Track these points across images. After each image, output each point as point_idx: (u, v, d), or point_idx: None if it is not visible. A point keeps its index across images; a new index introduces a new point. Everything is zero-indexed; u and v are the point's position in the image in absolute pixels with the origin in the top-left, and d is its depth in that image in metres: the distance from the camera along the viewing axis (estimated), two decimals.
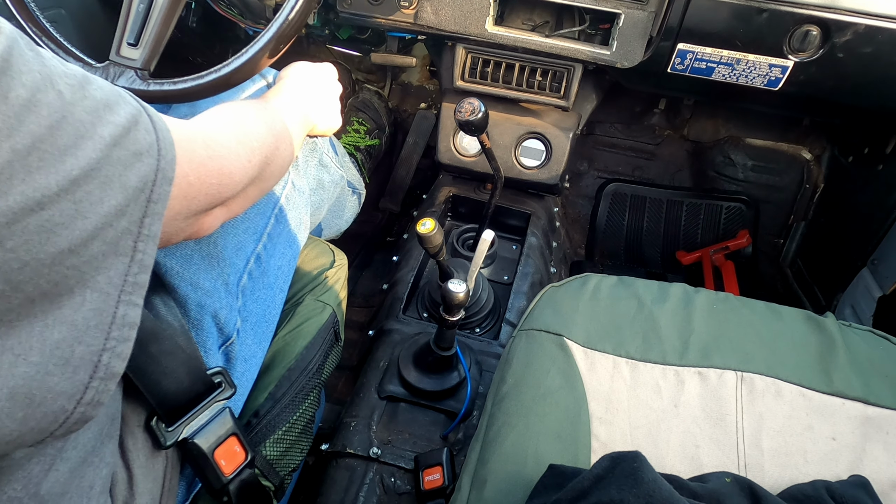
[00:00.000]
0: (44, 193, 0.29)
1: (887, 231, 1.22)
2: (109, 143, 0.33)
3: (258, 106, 0.63)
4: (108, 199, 0.33)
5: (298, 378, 0.77)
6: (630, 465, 0.51)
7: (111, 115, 0.34)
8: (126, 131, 0.35)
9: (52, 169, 0.29)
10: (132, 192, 0.35)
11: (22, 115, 0.28)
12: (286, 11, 0.69)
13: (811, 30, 0.94)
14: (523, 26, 1.16)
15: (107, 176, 0.33)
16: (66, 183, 0.30)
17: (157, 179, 0.37)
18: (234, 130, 0.53)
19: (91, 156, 0.32)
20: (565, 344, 0.71)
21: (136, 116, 0.36)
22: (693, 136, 1.75)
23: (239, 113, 0.58)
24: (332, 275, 0.90)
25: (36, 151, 0.29)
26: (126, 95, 0.37)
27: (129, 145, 0.35)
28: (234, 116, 0.56)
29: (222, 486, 0.60)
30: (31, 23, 0.75)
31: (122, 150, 0.34)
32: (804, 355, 0.70)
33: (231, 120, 0.55)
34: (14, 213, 0.28)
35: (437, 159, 1.34)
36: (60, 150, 0.30)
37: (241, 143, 0.53)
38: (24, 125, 0.28)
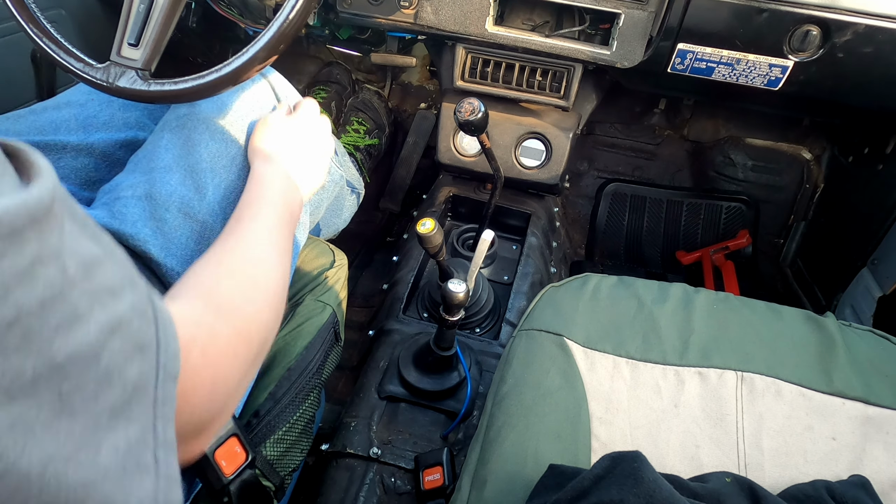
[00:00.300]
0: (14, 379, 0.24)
1: (887, 231, 1.22)
2: (107, 329, 0.29)
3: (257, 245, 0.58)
4: (105, 396, 0.28)
5: (298, 378, 0.77)
6: (630, 465, 0.51)
7: (113, 301, 0.30)
8: (127, 321, 0.31)
9: (31, 350, 0.25)
10: (133, 389, 0.30)
11: (11, 284, 0.24)
12: (286, 11, 0.69)
13: (811, 30, 0.94)
14: (523, 26, 1.16)
15: (105, 369, 0.28)
16: (46, 371, 0.25)
17: (160, 377, 0.33)
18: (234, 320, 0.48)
19: (83, 341, 0.27)
20: (565, 344, 0.71)
21: (141, 308, 0.33)
22: (693, 136, 1.75)
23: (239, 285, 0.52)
24: (333, 275, 0.90)
25: (18, 327, 0.24)
26: (137, 281, 0.34)
27: (129, 335, 0.31)
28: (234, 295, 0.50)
29: (223, 486, 0.60)
30: (31, 23, 0.75)
31: (121, 341, 0.30)
32: (804, 355, 0.70)
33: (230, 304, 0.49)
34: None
35: (437, 159, 1.34)
36: (50, 330, 0.26)
37: (240, 336, 0.47)
38: (10, 296, 0.24)
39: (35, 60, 1.15)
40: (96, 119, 0.80)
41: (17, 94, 1.14)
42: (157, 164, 0.71)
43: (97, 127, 0.79)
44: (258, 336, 0.51)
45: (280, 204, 0.66)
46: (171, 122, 0.74)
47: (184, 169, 0.71)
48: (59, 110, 0.79)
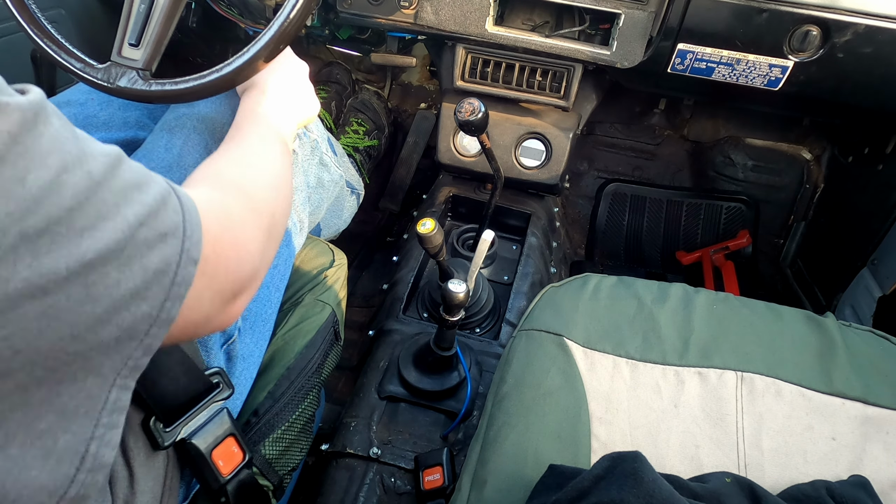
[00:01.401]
0: (50, 279, 0.27)
1: (887, 231, 1.22)
2: (134, 223, 0.31)
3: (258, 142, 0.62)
4: (126, 281, 0.31)
5: (298, 377, 0.77)
6: (630, 465, 0.50)
7: (140, 194, 0.33)
8: (154, 212, 0.33)
9: (63, 251, 0.27)
10: (153, 274, 0.32)
11: (41, 197, 0.26)
12: (286, 11, 0.69)
13: (811, 30, 0.94)
14: (523, 26, 1.16)
15: (127, 257, 0.31)
16: (78, 266, 0.28)
17: (182, 261, 0.35)
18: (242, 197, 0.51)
19: (111, 237, 0.30)
20: (565, 344, 0.71)
21: (165, 197, 0.35)
22: (693, 136, 1.75)
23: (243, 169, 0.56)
24: (332, 274, 0.90)
25: (48, 234, 0.27)
26: (157, 176, 0.36)
27: (155, 226, 0.33)
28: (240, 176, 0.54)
29: (220, 486, 0.60)
30: (31, 23, 0.75)
31: (147, 231, 0.32)
32: (804, 355, 0.70)
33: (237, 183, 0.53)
34: (12, 300, 0.25)
35: (437, 159, 1.34)
36: (77, 231, 0.28)
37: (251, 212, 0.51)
38: (41, 208, 0.26)
39: (35, 60, 1.15)
40: (96, 118, 0.80)
41: None
42: (157, 163, 0.71)
43: (97, 126, 0.80)
44: (266, 209, 0.53)
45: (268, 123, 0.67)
46: (170, 122, 0.74)
47: (183, 169, 0.71)
48: (59, 110, 0.79)
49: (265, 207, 0.54)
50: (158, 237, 0.33)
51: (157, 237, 0.33)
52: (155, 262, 0.33)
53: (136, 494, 0.52)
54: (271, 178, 0.59)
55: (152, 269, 0.32)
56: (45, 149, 0.27)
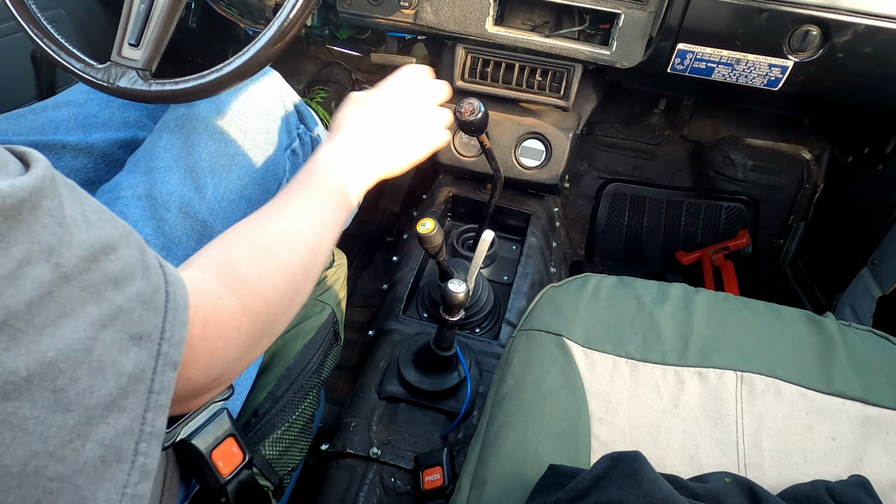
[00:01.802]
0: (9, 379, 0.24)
1: (887, 231, 1.22)
2: (97, 323, 0.29)
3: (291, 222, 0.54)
4: (98, 388, 0.28)
5: (298, 377, 0.77)
6: (630, 465, 0.50)
7: (114, 292, 0.30)
8: (125, 312, 0.30)
9: (22, 349, 0.25)
10: (127, 380, 0.30)
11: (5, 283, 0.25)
12: (286, 11, 0.69)
13: (811, 30, 0.94)
14: (523, 26, 1.16)
15: (98, 361, 0.28)
16: (39, 366, 0.25)
17: (158, 366, 0.32)
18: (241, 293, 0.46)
19: (73, 336, 0.27)
20: (565, 344, 0.71)
21: (149, 295, 0.32)
22: (693, 136, 1.75)
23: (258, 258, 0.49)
24: (332, 274, 0.90)
25: (6, 329, 0.24)
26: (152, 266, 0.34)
27: (126, 327, 0.30)
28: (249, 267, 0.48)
29: (220, 486, 0.60)
30: (31, 23, 0.75)
31: (115, 333, 0.30)
32: (804, 355, 0.70)
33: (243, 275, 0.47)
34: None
35: (437, 159, 1.34)
36: (36, 328, 0.26)
37: (245, 311, 0.45)
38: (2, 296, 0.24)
39: (35, 60, 1.15)
40: (96, 118, 0.80)
41: (17, 94, 1.14)
42: (157, 163, 0.71)
43: (96, 126, 0.80)
44: (266, 312, 0.48)
45: (330, 185, 0.60)
46: (170, 122, 0.75)
47: (183, 169, 0.71)
48: (59, 110, 0.79)
49: (265, 312, 0.48)
50: (130, 339, 0.30)
51: (127, 339, 0.30)
52: (128, 368, 0.30)
53: None
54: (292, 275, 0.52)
55: (126, 375, 0.30)
56: (15, 237, 0.26)
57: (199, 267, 0.47)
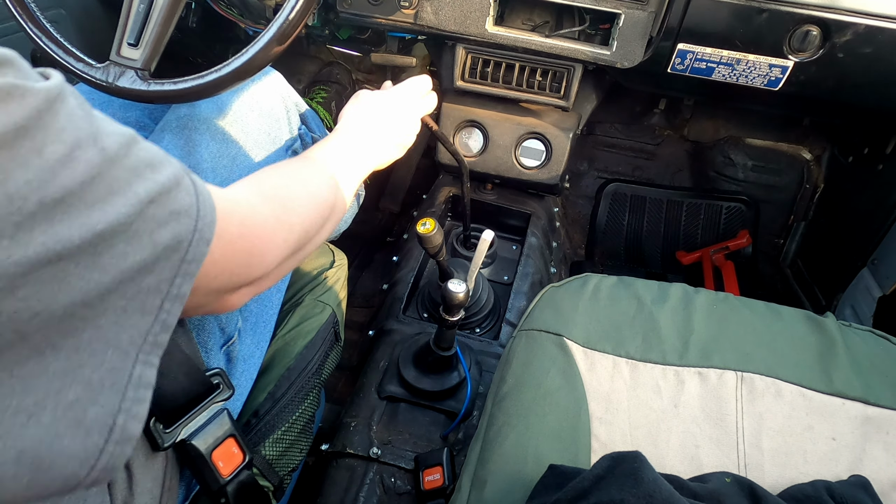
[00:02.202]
0: (64, 245, 0.29)
1: (887, 231, 1.22)
2: (144, 200, 0.33)
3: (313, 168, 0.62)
4: (133, 254, 0.32)
5: (298, 378, 0.77)
6: (630, 465, 0.50)
7: (153, 173, 0.34)
8: (166, 190, 0.35)
9: (76, 222, 0.29)
10: (162, 250, 0.34)
11: (57, 169, 0.29)
12: (286, 11, 0.69)
13: (811, 30, 0.94)
14: (523, 26, 1.16)
15: (135, 232, 0.32)
16: (90, 236, 0.30)
17: (194, 240, 0.36)
18: (276, 206, 0.51)
19: (121, 211, 0.31)
20: (565, 344, 0.71)
21: (179, 178, 0.36)
22: (693, 136, 1.75)
23: (287, 182, 0.56)
24: (332, 275, 0.90)
25: (63, 204, 0.29)
26: (172, 159, 0.37)
27: (167, 204, 0.34)
28: (280, 188, 0.54)
29: (220, 487, 0.60)
30: (31, 23, 0.75)
31: (158, 208, 0.34)
32: (804, 355, 0.70)
33: (275, 193, 0.53)
34: (32, 263, 0.27)
35: (437, 159, 1.34)
36: (89, 204, 0.30)
37: (280, 222, 0.51)
38: (57, 179, 0.28)
39: (35, 60, 1.15)
40: None
41: None
42: None
43: None
44: (299, 226, 0.53)
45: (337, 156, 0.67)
46: (171, 123, 0.74)
47: None
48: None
49: (299, 225, 0.53)
50: (170, 215, 0.35)
51: (168, 215, 0.34)
52: (166, 239, 0.34)
53: (134, 496, 0.52)
54: (320, 200, 0.59)
55: (162, 245, 0.34)
56: (61, 125, 0.29)
57: (234, 187, 0.52)
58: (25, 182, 0.27)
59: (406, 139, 0.80)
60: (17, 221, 0.27)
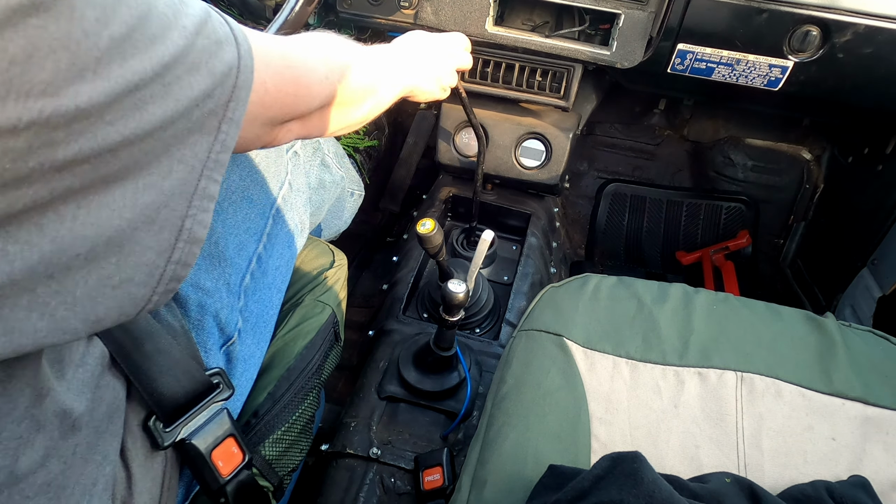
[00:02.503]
0: (140, 77, 0.32)
1: (887, 231, 1.22)
2: (192, 31, 0.36)
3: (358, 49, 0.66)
4: (197, 83, 0.36)
5: (298, 378, 0.77)
6: (630, 466, 0.50)
7: (187, 8, 0.37)
8: (203, 22, 0.37)
9: (144, 55, 0.32)
10: (219, 76, 0.37)
11: (116, 6, 0.31)
12: (286, 11, 0.69)
13: (811, 30, 0.94)
14: (523, 26, 1.16)
15: (194, 62, 0.35)
16: (159, 67, 0.33)
17: (241, 66, 0.39)
18: (317, 50, 0.55)
19: (178, 43, 0.34)
20: (565, 344, 0.71)
21: (207, 10, 0.39)
22: (693, 136, 1.75)
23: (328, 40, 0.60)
24: (332, 275, 0.90)
25: (129, 40, 0.31)
26: None
27: (209, 34, 0.37)
28: (322, 43, 0.59)
29: (219, 487, 0.60)
30: None
31: (204, 39, 0.37)
32: (804, 355, 0.70)
33: (316, 44, 0.57)
34: (115, 93, 0.31)
35: (436, 159, 1.34)
36: (150, 38, 0.33)
37: (319, 61, 0.55)
38: (117, 15, 0.31)
39: None
40: None
41: None
42: None
43: None
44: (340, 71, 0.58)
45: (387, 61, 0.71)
46: None
47: None
48: None
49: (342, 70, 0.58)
50: (215, 44, 0.37)
51: (214, 44, 0.37)
52: (219, 67, 0.37)
53: (133, 496, 0.52)
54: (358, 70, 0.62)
55: (217, 73, 0.37)
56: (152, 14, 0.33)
57: None
58: (96, 19, 0.29)
59: (445, 78, 0.86)
60: (97, 56, 0.29)
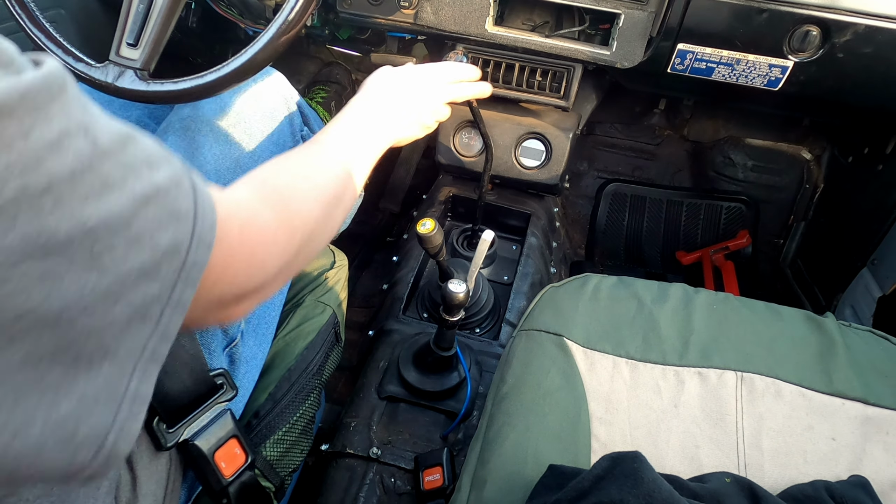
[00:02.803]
0: (51, 238, 0.26)
1: (887, 231, 1.22)
2: (141, 198, 0.31)
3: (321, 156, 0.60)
4: (134, 257, 0.30)
5: (299, 378, 0.77)
6: (630, 465, 0.51)
7: (150, 171, 0.32)
8: (164, 190, 0.33)
9: (65, 214, 0.27)
10: (162, 254, 0.32)
11: (43, 156, 0.27)
12: (286, 12, 0.69)
13: (811, 30, 0.94)
14: (523, 26, 1.16)
15: (136, 233, 0.30)
16: (80, 232, 0.28)
17: (193, 244, 0.34)
18: (278, 209, 0.48)
19: (115, 208, 0.29)
20: (565, 344, 0.71)
21: (178, 179, 0.34)
22: (693, 136, 1.75)
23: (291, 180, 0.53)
24: (333, 275, 0.90)
25: (50, 194, 0.27)
26: (174, 158, 0.36)
27: (165, 205, 0.33)
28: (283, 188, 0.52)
29: (222, 488, 0.60)
30: (31, 23, 0.75)
31: (156, 209, 0.32)
32: (804, 355, 0.70)
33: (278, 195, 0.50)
34: (14, 253, 0.25)
35: (436, 159, 1.34)
36: (80, 196, 0.28)
37: (282, 226, 0.48)
38: (43, 166, 0.27)
39: None
40: None
41: None
42: None
43: None
44: (303, 228, 0.51)
45: (354, 131, 0.66)
46: (174, 124, 0.74)
47: None
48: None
49: (302, 227, 0.51)
50: (169, 216, 0.33)
51: (167, 216, 0.33)
52: (165, 242, 0.32)
53: (138, 497, 0.52)
54: (328, 197, 0.56)
55: (162, 249, 0.32)
56: (51, 112, 0.28)
57: (236, 187, 0.50)
58: (6, 166, 0.25)
59: (429, 118, 0.78)
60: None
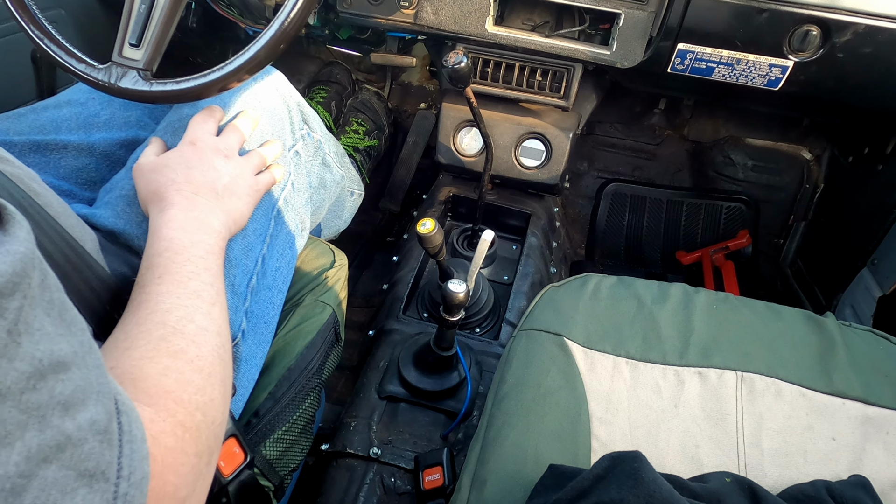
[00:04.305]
0: None
1: (887, 231, 1.22)
2: (36, 455, 0.24)
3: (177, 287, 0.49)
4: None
5: (298, 378, 0.77)
6: (630, 465, 0.51)
7: (62, 419, 0.26)
8: (76, 442, 0.26)
9: None
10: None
11: None
12: (286, 11, 0.69)
13: (811, 30, 0.95)
14: (523, 26, 1.16)
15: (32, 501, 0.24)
16: None
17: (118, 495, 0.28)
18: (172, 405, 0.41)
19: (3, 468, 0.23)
20: (565, 344, 0.72)
21: (101, 425, 0.28)
22: (693, 136, 1.75)
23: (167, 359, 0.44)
24: (333, 275, 0.90)
25: None
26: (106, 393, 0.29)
27: (75, 462, 0.26)
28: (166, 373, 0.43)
29: (221, 487, 0.60)
30: (31, 24, 0.75)
31: (59, 469, 0.25)
32: (804, 355, 0.70)
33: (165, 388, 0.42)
34: None
35: (437, 159, 1.34)
36: None
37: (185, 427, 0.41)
38: None
39: (35, 60, 1.15)
40: (97, 118, 0.80)
41: (18, 94, 1.14)
42: None
43: (98, 126, 0.80)
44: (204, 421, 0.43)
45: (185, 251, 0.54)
46: (174, 124, 0.74)
47: None
48: (60, 109, 0.79)
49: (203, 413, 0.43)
50: (78, 477, 0.26)
51: (75, 477, 0.26)
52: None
53: None
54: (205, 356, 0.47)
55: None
56: None
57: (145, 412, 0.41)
58: None
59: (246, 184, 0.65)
60: None
